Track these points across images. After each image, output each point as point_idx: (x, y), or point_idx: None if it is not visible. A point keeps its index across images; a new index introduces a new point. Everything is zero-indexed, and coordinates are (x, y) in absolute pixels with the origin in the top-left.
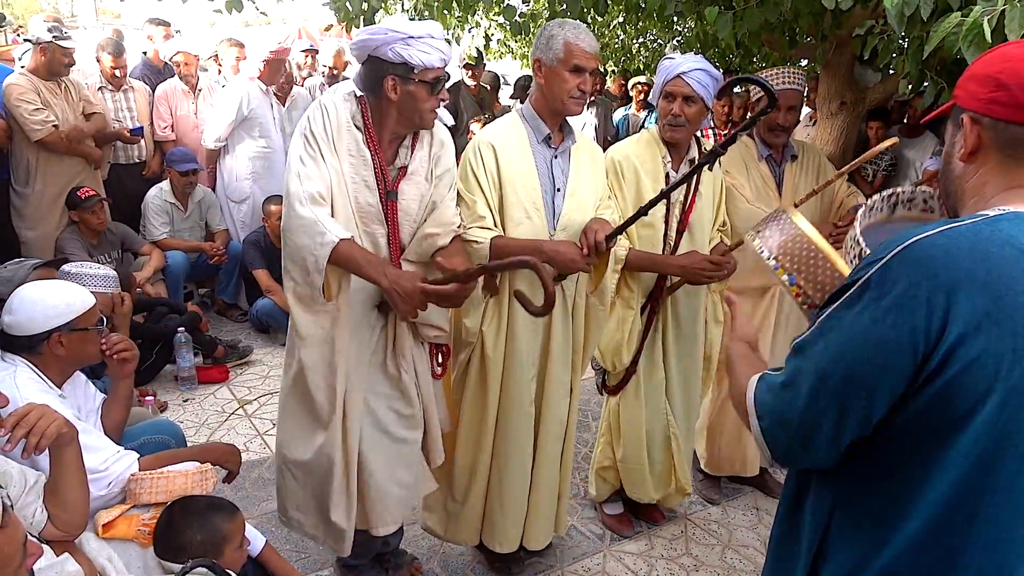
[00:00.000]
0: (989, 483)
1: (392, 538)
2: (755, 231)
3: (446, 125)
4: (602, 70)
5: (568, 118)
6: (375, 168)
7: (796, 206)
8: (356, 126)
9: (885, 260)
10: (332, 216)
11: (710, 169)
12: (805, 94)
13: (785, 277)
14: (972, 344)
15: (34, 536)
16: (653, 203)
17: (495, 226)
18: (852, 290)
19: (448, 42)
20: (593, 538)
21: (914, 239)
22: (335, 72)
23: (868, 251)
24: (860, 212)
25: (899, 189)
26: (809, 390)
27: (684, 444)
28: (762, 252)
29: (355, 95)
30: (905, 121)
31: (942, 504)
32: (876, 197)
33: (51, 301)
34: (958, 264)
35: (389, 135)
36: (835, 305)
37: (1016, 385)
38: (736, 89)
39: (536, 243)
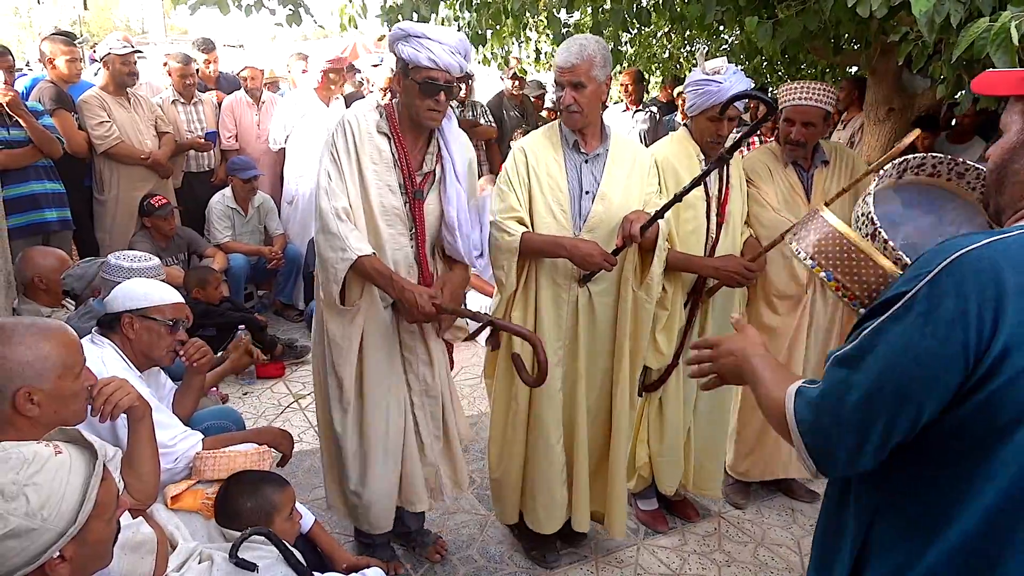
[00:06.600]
0: None
1: (411, 521)
2: (792, 234)
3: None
4: (647, 78)
5: (615, 124)
6: (402, 171)
7: (826, 205)
8: (382, 133)
9: (933, 274)
10: (355, 222)
11: (719, 174)
12: (830, 111)
13: (823, 274)
14: (1018, 357)
15: None
16: (685, 192)
17: (526, 220)
18: (900, 304)
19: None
20: (627, 531)
21: (962, 251)
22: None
23: (881, 230)
24: (873, 184)
25: (910, 156)
26: (858, 402)
27: (708, 441)
28: (799, 253)
29: (379, 105)
30: (953, 127)
31: (987, 511)
32: (888, 165)
33: (134, 288)
34: (1005, 278)
35: (410, 137)
36: (882, 318)
37: None
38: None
39: (557, 239)
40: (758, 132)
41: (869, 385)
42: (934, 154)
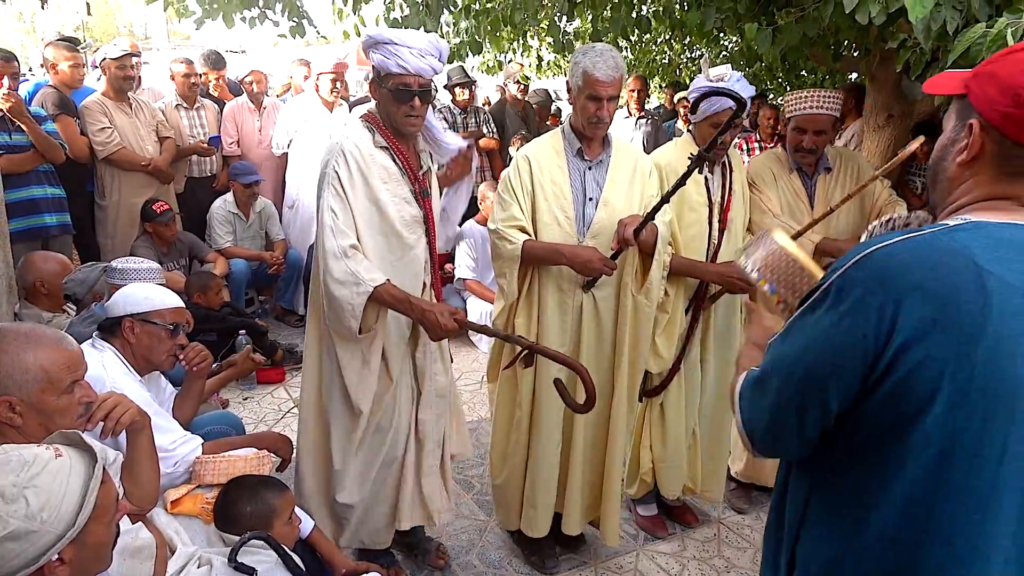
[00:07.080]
0: (944, 479)
1: (415, 530)
2: (743, 251)
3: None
4: (648, 84)
5: (617, 131)
6: (409, 177)
7: (832, 210)
8: (381, 147)
9: (845, 268)
10: (365, 252)
11: (699, 172)
12: (838, 116)
13: (767, 287)
14: (918, 349)
15: None
16: (670, 194)
17: (528, 228)
18: (816, 295)
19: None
20: (627, 537)
21: (873, 248)
22: None
23: None
24: (862, 238)
25: (896, 215)
26: (776, 386)
27: (712, 444)
28: (747, 267)
29: (363, 119)
30: None
31: (903, 499)
32: (875, 223)
33: (135, 292)
34: (910, 274)
35: (402, 141)
36: (801, 309)
37: (961, 388)
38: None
39: (557, 246)
40: (757, 138)
41: (785, 369)
42: (918, 213)
